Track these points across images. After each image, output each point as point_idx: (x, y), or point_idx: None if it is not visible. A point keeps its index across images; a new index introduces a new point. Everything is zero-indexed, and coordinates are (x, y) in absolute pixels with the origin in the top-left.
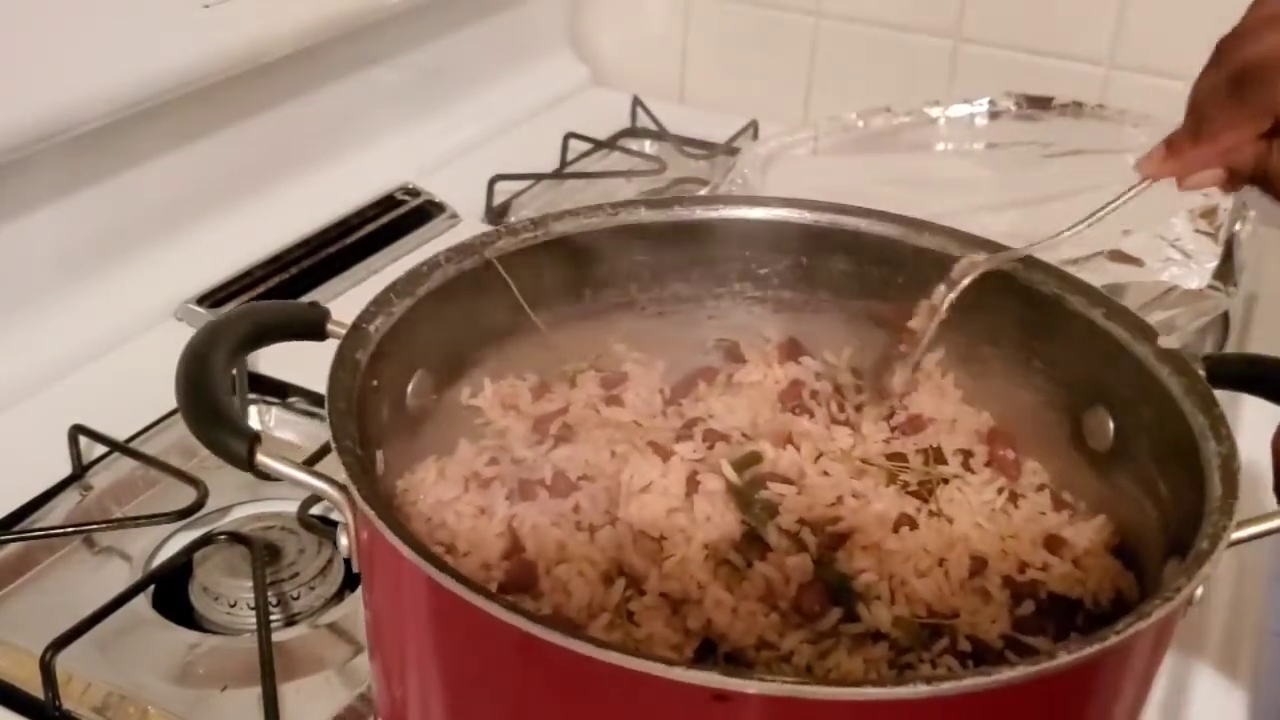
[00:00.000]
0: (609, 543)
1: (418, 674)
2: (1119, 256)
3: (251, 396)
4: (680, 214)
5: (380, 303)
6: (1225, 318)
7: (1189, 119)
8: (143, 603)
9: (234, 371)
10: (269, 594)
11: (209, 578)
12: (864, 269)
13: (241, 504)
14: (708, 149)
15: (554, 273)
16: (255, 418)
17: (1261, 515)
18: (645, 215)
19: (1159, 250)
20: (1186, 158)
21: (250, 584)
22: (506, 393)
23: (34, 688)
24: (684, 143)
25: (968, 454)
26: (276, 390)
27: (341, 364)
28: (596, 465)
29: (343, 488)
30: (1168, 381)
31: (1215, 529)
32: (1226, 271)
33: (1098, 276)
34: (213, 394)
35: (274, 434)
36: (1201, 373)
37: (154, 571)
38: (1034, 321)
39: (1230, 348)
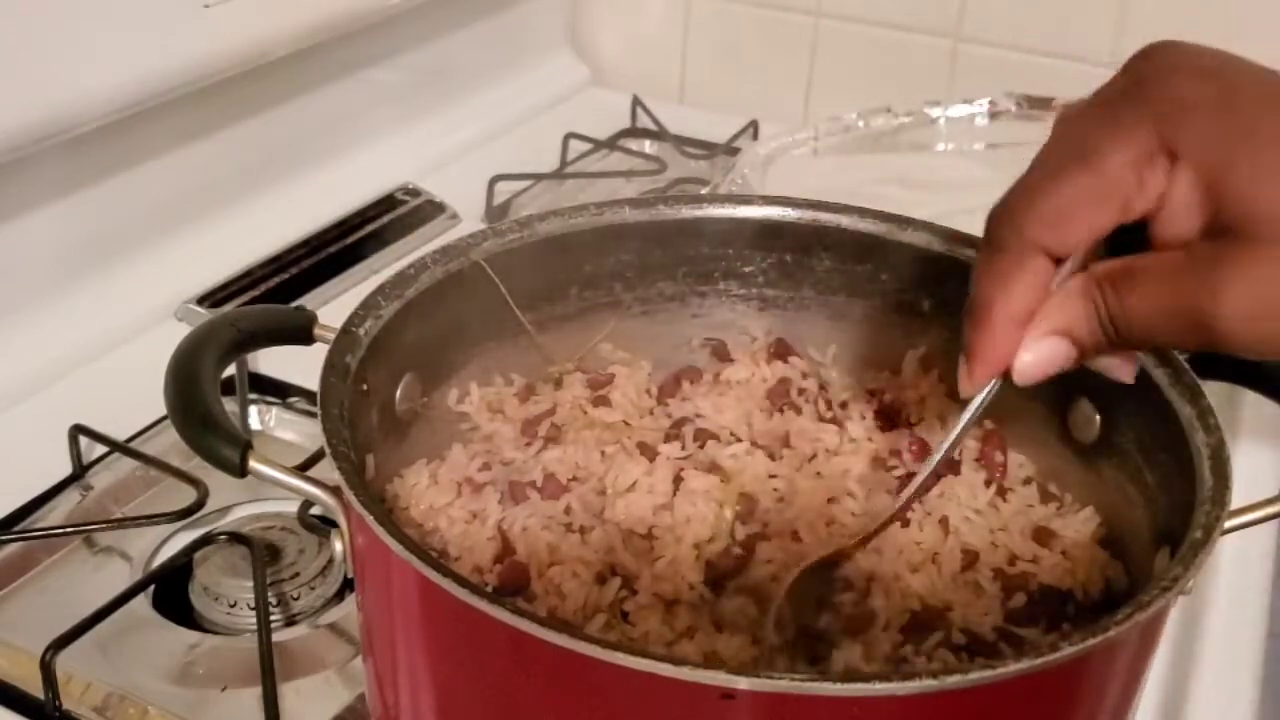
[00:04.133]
0: (601, 544)
1: (411, 679)
2: None
3: (252, 396)
4: (665, 213)
5: (369, 306)
6: None
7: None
8: (143, 603)
9: (234, 372)
10: (269, 594)
11: (209, 578)
12: (848, 266)
13: (242, 504)
14: (708, 149)
15: (540, 273)
16: (256, 418)
17: (1251, 505)
18: (630, 215)
19: None
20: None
21: (250, 584)
22: (492, 397)
23: (34, 688)
24: (684, 143)
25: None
26: (277, 390)
27: (332, 368)
28: (586, 467)
29: (337, 492)
30: (1154, 373)
31: (1209, 519)
32: None
33: None
34: (203, 401)
35: (274, 434)
36: (1187, 364)
37: (154, 571)
38: None
39: None
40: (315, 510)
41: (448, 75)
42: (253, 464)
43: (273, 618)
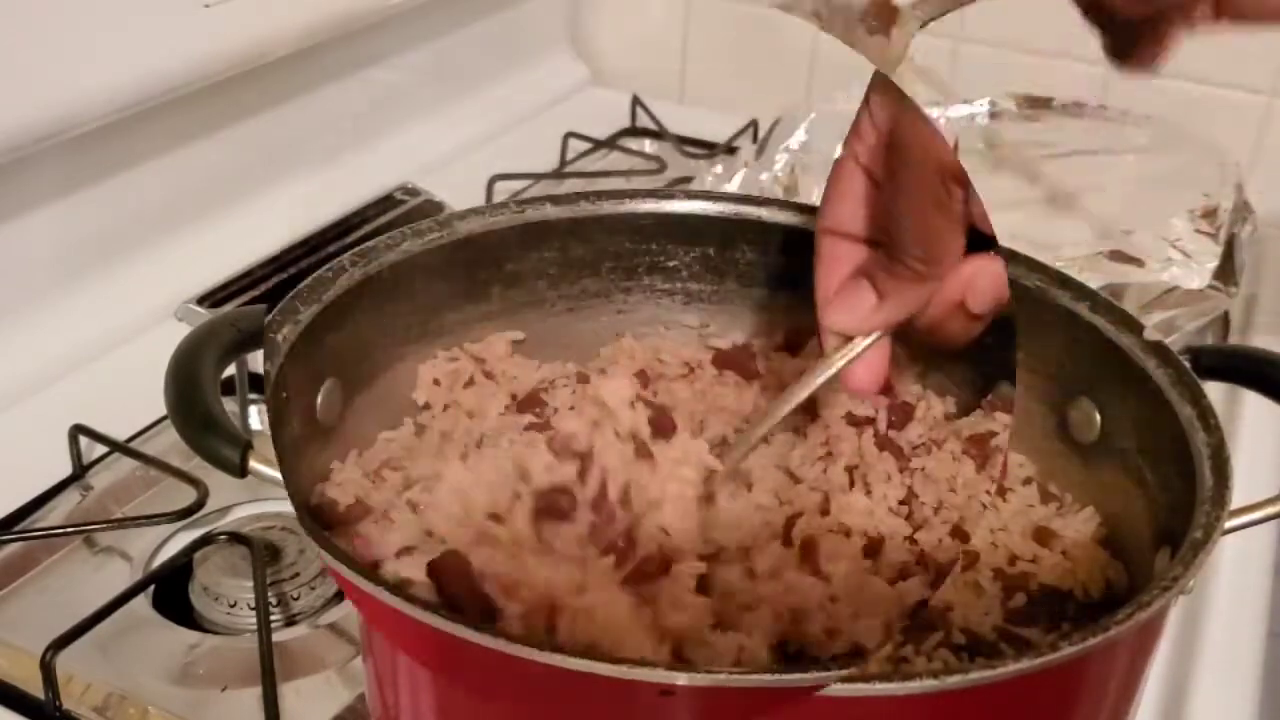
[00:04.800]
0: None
1: (411, 679)
2: (1119, 256)
3: (252, 396)
4: (587, 209)
5: (286, 311)
6: (1225, 318)
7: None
8: (143, 603)
9: (234, 372)
10: (269, 594)
11: (209, 578)
12: (770, 258)
13: (242, 504)
14: (708, 149)
15: (461, 273)
16: (256, 418)
17: (1252, 505)
18: (551, 211)
19: (1159, 250)
20: (904, 296)
21: (250, 584)
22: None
23: (34, 688)
24: (684, 142)
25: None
26: None
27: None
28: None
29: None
30: (1154, 373)
31: (1209, 519)
32: (1227, 272)
33: (1098, 276)
34: (203, 402)
35: None
36: (1187, 364)
37: (154, 571)
38: (1017, 315)
39: None
40: None
41: (448, 75)
42: (253, 464)
43: (273, 618)
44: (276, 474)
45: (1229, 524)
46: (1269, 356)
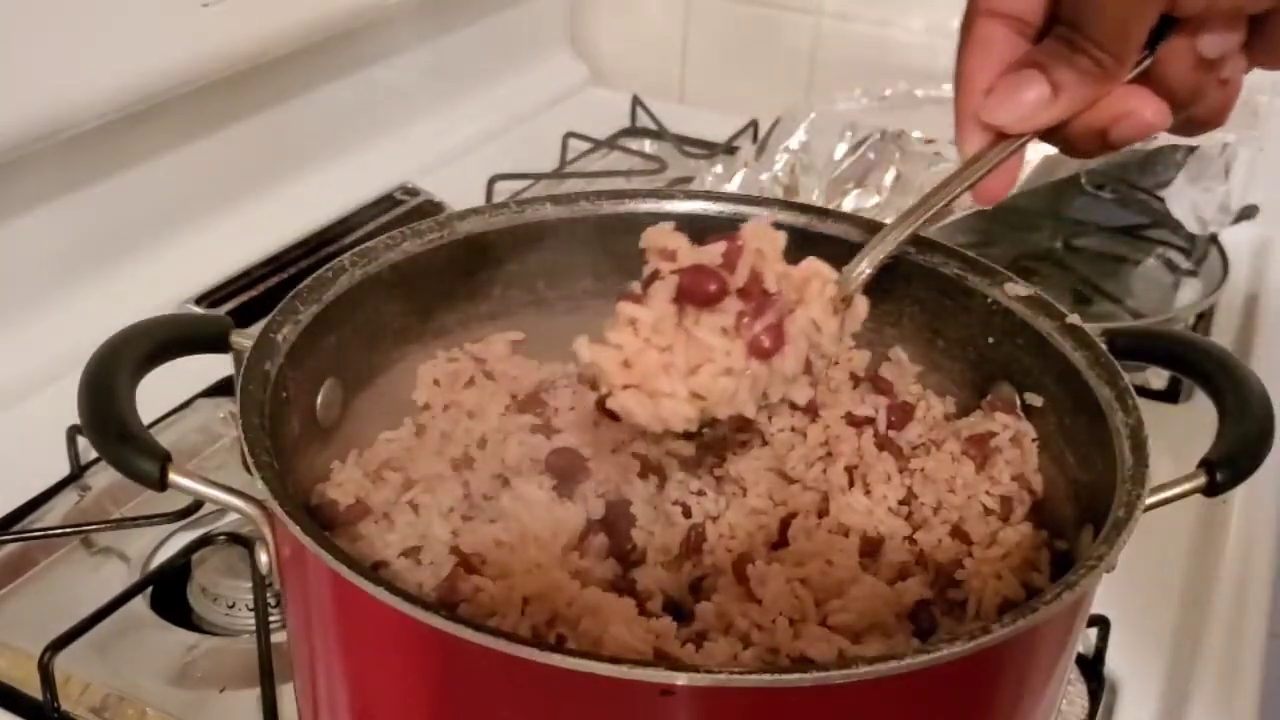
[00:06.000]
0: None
1: (335, 693)
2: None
3: None
4: (586, 209)
5: (287, 311)
6: (1213, 312)
7: (1065, 32)
8: (141, 604)
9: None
10: (267, 595)
11: (207, 578)
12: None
13: None
14: (708, 149)
15: (461, 273)
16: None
17: (1171, 481)
18: (551, 211)
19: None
20: (1079, 93)
21: (249, 585)
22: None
23: (32, 688)
24: (684, 142)
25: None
26: None
27: (250, 376)
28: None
29: (261, 505)
30: (1072, 356)
31: (1130, 498)
32: (1217, 268)
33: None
34: (119, 415)
35: None
36: (1104, 346)
37: (152, 572)
38: (936, 302)
39: (1232, 347)
40: None
41: (448, 75)
42: (173, 477)
43: (271, 619)
44: (198, 486)
45: (1149, 500)
46: (1181, 337)
